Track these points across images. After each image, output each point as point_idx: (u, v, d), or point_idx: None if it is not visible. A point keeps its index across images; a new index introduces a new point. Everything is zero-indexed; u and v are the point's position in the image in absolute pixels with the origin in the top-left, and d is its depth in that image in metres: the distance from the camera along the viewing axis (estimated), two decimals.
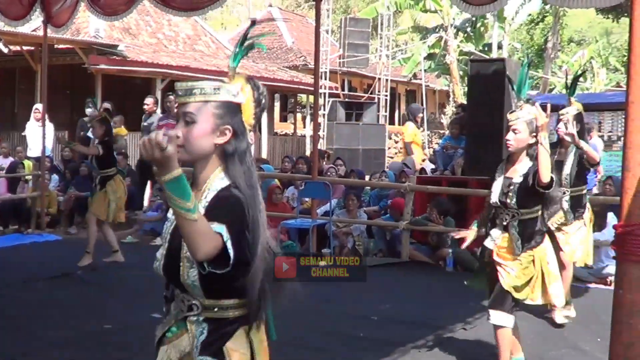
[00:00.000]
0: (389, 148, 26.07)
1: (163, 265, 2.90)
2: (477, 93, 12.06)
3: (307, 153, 22.84)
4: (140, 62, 21.18)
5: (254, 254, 2.76)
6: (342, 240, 11.61)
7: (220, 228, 2.60)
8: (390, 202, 11.99)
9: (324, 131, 23.00)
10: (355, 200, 11.93)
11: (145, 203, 14.54)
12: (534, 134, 5.36)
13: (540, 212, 5.57)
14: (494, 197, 5.59)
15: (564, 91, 7.80)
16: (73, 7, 12.97)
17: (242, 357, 2.89)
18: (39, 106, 15.97)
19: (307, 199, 12.15)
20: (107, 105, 13.37)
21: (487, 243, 5.68)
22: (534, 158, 5.41)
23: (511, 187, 5.48)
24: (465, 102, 16.01)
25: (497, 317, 5.57)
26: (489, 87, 11.54)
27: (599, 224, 9.58)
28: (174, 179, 2.50)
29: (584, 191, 7.64)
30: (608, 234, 8.92)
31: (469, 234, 5.93)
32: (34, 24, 19.57)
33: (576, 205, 7.54)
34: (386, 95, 26.16)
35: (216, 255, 2.61)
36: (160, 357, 2.99)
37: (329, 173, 13.31)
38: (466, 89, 19.38)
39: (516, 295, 5.52)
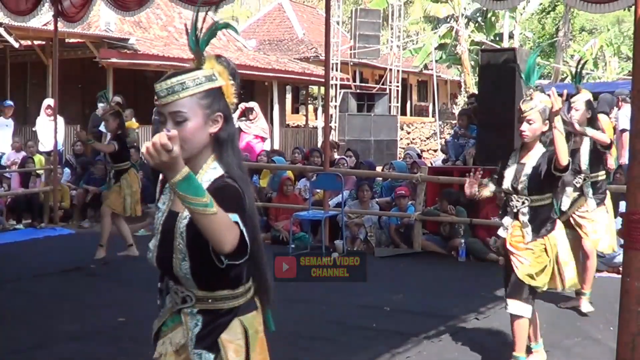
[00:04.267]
0: (401, 139, 26.06)
1: (156, 257, 2.89)
2: (488, 83, 12.05)
3: (319, 145, 22.83)
4: (151, 55, 21.22)
5: (254, 240, 2.73)
6: (354, 231, 11.62)
7: (235, 217, 2.58)
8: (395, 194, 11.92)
9: (335, 122, 23.01)
10: (368, 191, 11.93)
11: (158, 196, 14.54)
12: (547, 121, 5.37)
13: (551, 200, 5.58)
14: (506, 183, 5.61)
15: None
16: (85, 2, 13.00)
17: (238, 349, 2.86)
18: (49, 101, 16.02)
19: (319, 191, 12.15)
20: (117, 98, 13.42)
21: (501, 232, 5.70)
22: (546, 144, 5.45)
23: (523, 173, 5.50)
24: (476, 92, 15.98)
25: (515, 306, 5.56)
26: (500, 76, 11.53)
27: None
28: (185, 179, 2.44)
29: (603, 176, 7.64)
30: (619, 222, 8.90)
31: (485, 190, 5.93)
32: (44, 18, 19.65)
33: (596, 191, 7.54)
34: (397, 86, 26.12)
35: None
36: (158, 350, 2.99)
37: (340, 164, 13.31)
38: (477, 79, 19.39)
39: (533, 283, 5.51)
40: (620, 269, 9.29)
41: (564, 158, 5.22)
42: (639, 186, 3.41)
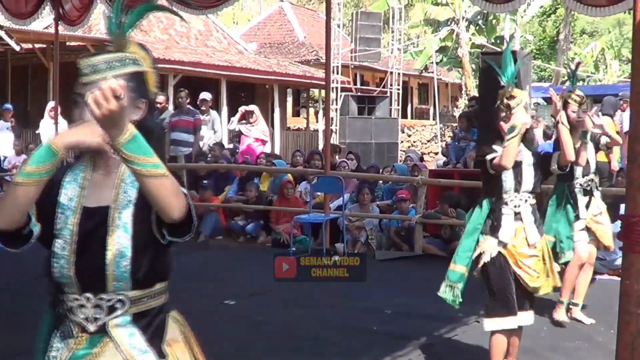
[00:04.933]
0: (402, 142, 26.09)
1: (76, 264, 2.51)
2: (488, 86, 11.99)
3: (320, 147, 22.87)
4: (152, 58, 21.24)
5: None
6: (355, 234, 11.63)
7: (182, 188, 2.42)
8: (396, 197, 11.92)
9: (336, 125, 23.05)
10: (369, 194, 11.94)
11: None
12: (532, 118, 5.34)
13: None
14: (510, 182, 5.34)
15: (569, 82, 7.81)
16: (86, 6, 13.03)
17: (183, 347, 2.69)
18: (53, 104, 16.06)
19: (319, 194, 12.16)
20: None
21: (503, 237, 5.36)
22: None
23: (524, 172, 5.35)
24: (477, 95, 16.00)
25: (528, 317, 5.49)
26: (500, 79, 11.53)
27: (612, 216, 9.58)
28: (133, 138, 2.24)
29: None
30: (618, 225, 8.90)
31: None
32: (45, 22, 19.67)
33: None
34: (398, 89, 26.19)
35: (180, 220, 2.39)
36: None
37: (341, 167, 13.32)
38: (478, 81, 19.41)
39: (542, 292, 5.47)
40: (621, 271, 9.32)
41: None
42: (638, 189, 3.41)
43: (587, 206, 7.35)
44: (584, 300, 7.59)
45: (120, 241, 2.49)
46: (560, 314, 7.44)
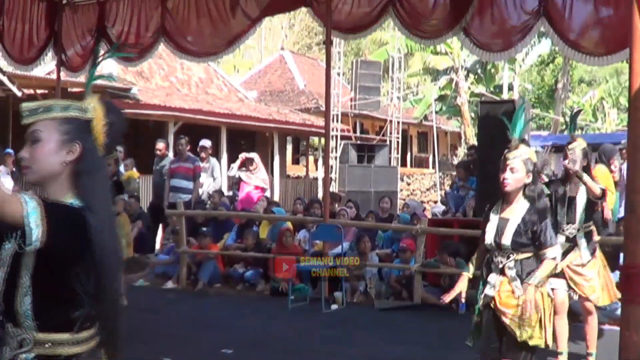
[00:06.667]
0: (401, 190, 26.11)
1: (3, 294, 2.70)
2: (487, 134, 12.06)
3: (320, 195, 22.87)
4: (153, 105, 21.35)
5: (102, 283, 2.70)
6: (354, 283, 11.59)
7: (31, 200, 2.51)
8: (399, 246, 11.93)
9: (336, 173, 23.07)
10: (368, 242, 11.91)
11: (157, 246, 14.59)
12: (530, 173, 5.34)
13: (534, 252, 5.46)
14: (489, 239, 5.42)
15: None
16: (89, 52, 13.15)
17: None
18: None
19: (318, 242, 12.14)
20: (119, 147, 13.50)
21: (488, 291, 5.43)
22: (531, 199, 5.39)
23: (507, 229, 5.32)
24: (476, 144, 16.05)
25: None
26: (499, 128, 11.52)
27: (611, 265, 9.56)
28: None
29: (591, 228, 7.63)
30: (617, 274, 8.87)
31: (461, 285, 5.77)
32: (47, 67, 19.81)
33: (589, 242, 7.49)
34: (398, 138, 26.26)
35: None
36: None
37: (340, 215, 13.30)
38: (477, 130, 19.50)
39: (533, 342, 5.29)
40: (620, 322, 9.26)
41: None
42: (636, 239, 3.42)
43: (567, 254, 7.31)
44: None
45: (23, 281, 2.62)
46: None
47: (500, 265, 5.38)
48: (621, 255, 9.20)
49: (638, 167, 3.46)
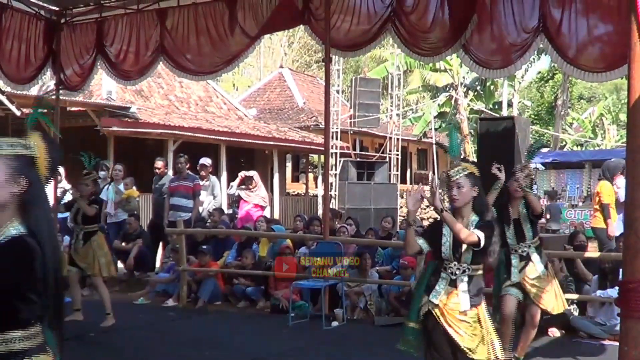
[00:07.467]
0: (401, 207, 26.08)
1: None
2: (486, 151, 12.08)
3: (319, 213, 22.86)
4: (152, 123, 21.36)
5: (47, 293, 2.94)
6: (354, 300, 11.58)
7: None
8: (400, 262, 11.92)
9: (335, 191, 23.08)
10: (368, 259, 11.91)
11: (157, 264, 14.58)
12: (476, 187, 5.49)
13: (482, 270, 5.56)
14: (446, 252, 5.48)
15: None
16: (87, 71, 13.19)
17: None
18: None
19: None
20: (106, 164, 13.60)
21: (434, 298, 5.45)
22: (480, 213, 5.52)
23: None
24: (475, 160, 16.06)
25: None
26: (499, 145, 11.59)
27: (611, 280, 9.60)
28: None
29: (539, 242, 7.91)
30: (615, 290, 8.91)
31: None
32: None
33: (540, 255, 7.84)
34: (397, 155, 26.28)
35: None
36: None
37: (340, 232, 13.29)
38: (476, 147, 19.53)
39: (474, 356, 5.34)
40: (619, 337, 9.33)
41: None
42: (635, 255, 3.42)
43: (522, 270, 7.69)
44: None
45: None
46: None
47: (454, 277, 5.46)
48: (620, 270, 9.28)
49: (637, 182, 3.46)
